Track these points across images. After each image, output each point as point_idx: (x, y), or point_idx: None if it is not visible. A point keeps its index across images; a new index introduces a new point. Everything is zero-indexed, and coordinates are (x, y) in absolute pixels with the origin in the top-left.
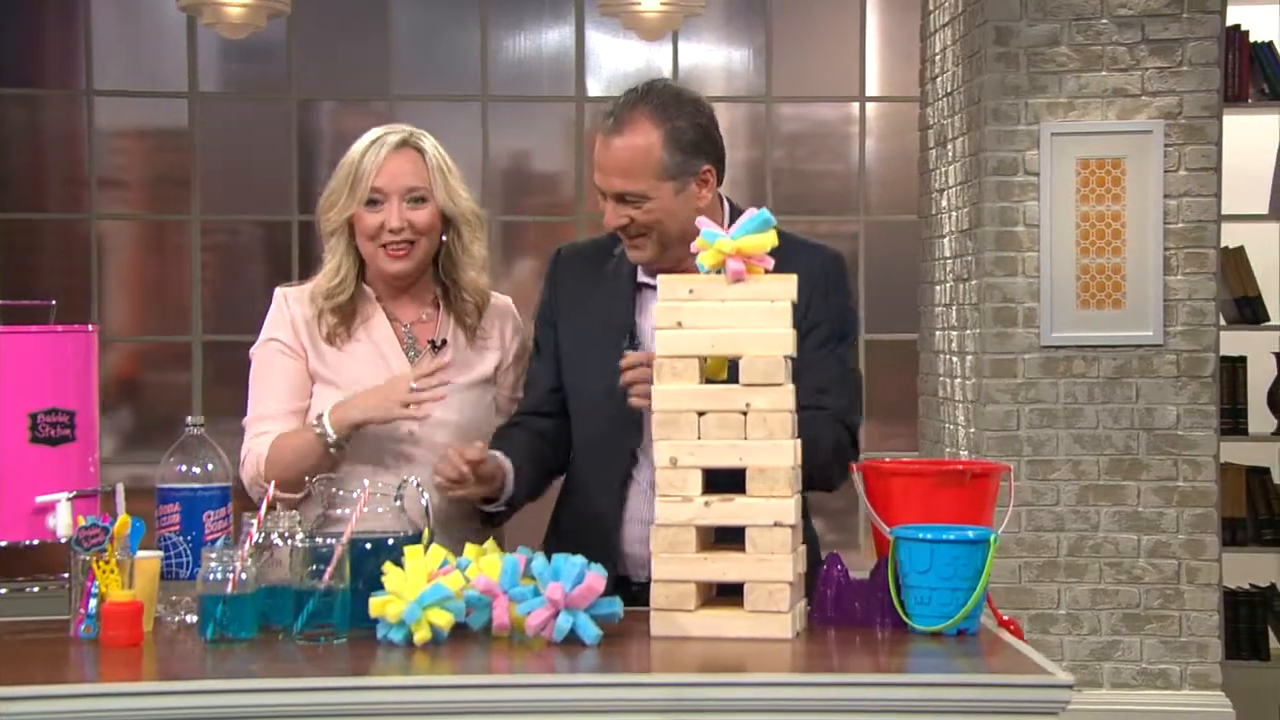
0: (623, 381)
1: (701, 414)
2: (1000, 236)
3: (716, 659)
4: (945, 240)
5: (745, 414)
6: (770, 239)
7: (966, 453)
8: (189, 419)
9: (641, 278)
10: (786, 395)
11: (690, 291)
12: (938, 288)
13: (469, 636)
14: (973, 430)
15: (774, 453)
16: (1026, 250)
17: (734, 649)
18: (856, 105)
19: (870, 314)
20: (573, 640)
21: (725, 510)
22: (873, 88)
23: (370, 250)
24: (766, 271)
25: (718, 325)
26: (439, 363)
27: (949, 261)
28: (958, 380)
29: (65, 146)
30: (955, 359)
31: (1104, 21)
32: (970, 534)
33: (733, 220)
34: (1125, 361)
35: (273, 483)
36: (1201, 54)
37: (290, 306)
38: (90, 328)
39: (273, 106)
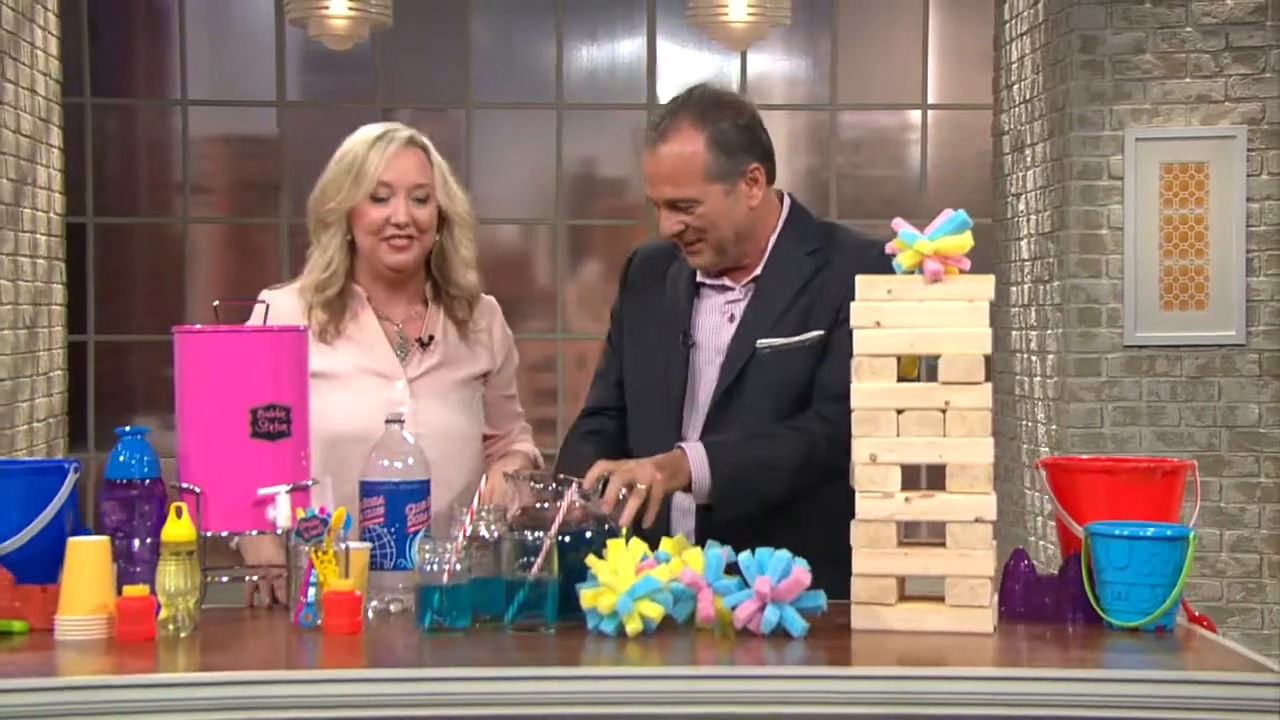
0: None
1: (900, 411)
2: (1084, 239)
3: (918, 653)
4: (1023, 243)
5: (944, 411)
6: (967, 240)
7: (1047, 449)
8: (389, 414)
9: (700, 278)
10: (985, 393)
11: (889, 291)
12: (1014, 289)
13: (674, 628)
14: (1054, 428)
15: (974, 450)
16: (1110, 252)
17: (934, 643)
18: (917, 113)
19: None
20: (777, 633)
21: (925, 506)
22: (934, 95)
23: (371, 244)
24: (962, 272)
25: (916, 324)
26: None
27: (1028, 263)
28: (1037, 379)
29: (159, 153)
30: (1035, 358)
31: (1188, 29)
32: (1169, 531)
33: (790, 218)
34: (1208, 361)
35: (485, 477)
36: None
37: (279, 306)
38: (301, 327)
39: (357, 114)
